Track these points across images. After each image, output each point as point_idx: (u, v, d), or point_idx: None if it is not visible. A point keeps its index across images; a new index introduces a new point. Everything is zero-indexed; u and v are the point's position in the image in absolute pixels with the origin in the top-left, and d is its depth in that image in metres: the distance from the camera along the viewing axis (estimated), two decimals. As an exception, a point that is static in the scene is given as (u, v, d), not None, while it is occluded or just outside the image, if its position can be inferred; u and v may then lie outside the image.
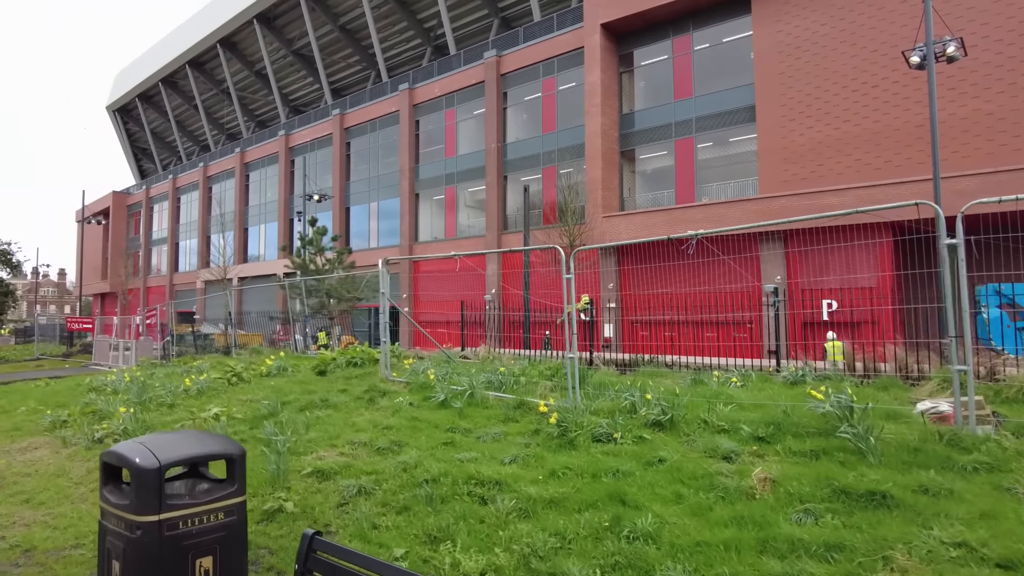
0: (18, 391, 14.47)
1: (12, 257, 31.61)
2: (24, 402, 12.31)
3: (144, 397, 9.83)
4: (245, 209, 51.93)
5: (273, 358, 12.10)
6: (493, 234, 33.73)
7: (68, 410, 9.69)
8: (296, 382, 10.65)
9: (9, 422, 10.18)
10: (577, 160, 31.37)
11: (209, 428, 7.46)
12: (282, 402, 8.72)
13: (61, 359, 26.64)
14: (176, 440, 3.38)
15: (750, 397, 7.35)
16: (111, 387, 12.06)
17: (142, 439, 3.37)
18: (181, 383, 11.09)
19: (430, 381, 9.18)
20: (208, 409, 7.67)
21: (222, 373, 10.98)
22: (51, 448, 8.16)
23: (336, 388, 9.57)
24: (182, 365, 17.26)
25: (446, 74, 37.52)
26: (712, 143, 28.11)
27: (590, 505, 4.73)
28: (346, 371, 11.46)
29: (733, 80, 26.92)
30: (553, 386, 8.01)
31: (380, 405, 8.34)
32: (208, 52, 56.77)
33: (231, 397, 9.68)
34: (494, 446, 6.44)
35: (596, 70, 29.34)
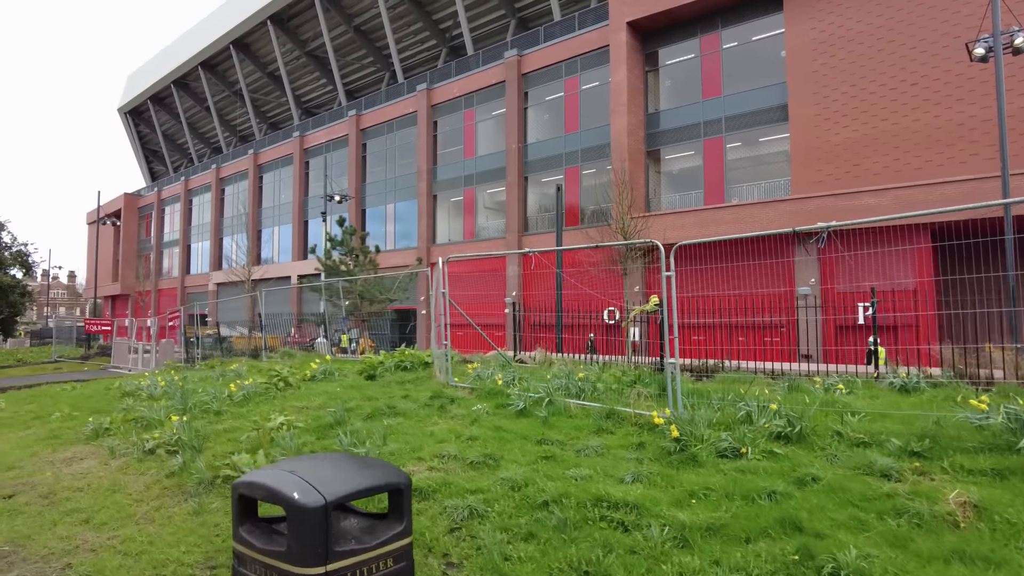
0: (46, 395, 13.82)
1: (28, 258, 31.08)
2: (56, 407, 11.65)
3: (188, 403, 9.16)
4: (259, 211, 51.34)
5: (318, 362, 11.43)
6: (513, 235, 33.06)
7: (109, 417, 9.02)
8: (348, 387, 9.97)
9: (45, 429, 9.52)
10: (601, 160, 30.72)
11: (276, 439, 6.78)
12: (344, 409, 8.04)
13: (79, 362, 26.01)
14: (327, 467, 2.70)
15: (870, 406, 6.65)
16: (146, 392, 11.40)
17: (283, 465, 2.69)
18: (223, 388, 10.41)
19: (499, 387, 8.50)
20: (272, 418, 6.98)
21: (267, 378, 10.30)
22: (98, 459, 7.49)
23: (397, 394, 8.89)
24: (211, 369, 16.61)
25: (465, 74, 36.91)
26: (741, 143, 27.44)
27: (761, 533, 4.04)
28: (396, 375, 10.78)
29: (764, 79, 26.26)
30: (647, 394, 7.31)
31: (453, 413, 7.65)
32: (221, 54, 56.28)
33: (284, 404, 9.00)
34: (600, 461, 5.75)
35: (622, 69, 28.70)
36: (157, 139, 70.24)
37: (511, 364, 10.42)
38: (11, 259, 30.20)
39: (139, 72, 67.60)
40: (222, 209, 55.56)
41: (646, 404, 7.07)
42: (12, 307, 29.46)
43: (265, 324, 17.00)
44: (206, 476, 6.01)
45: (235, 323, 35.22)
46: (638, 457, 5.77)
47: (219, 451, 6.98)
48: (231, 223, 54.32)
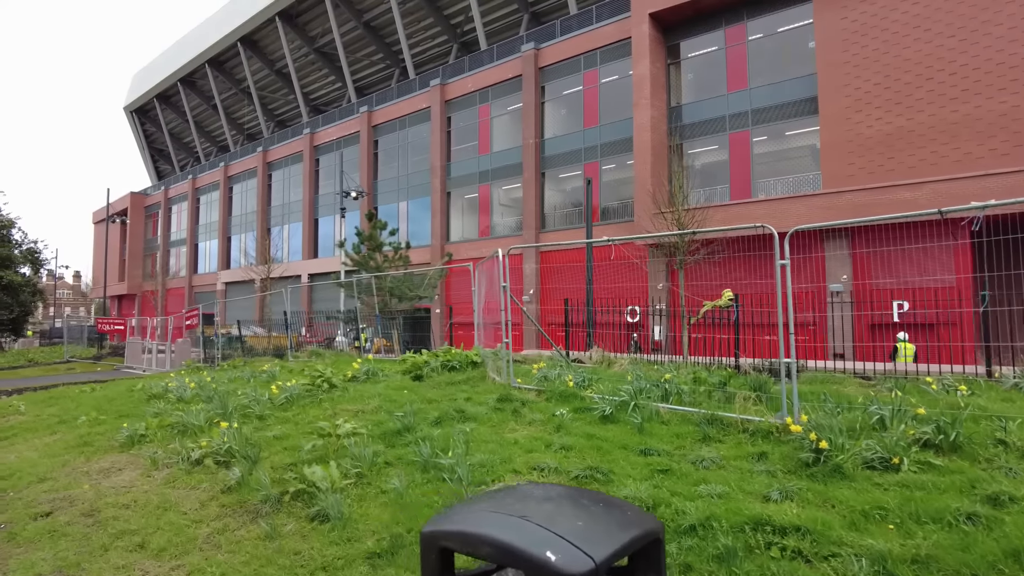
0: (66, 397, 13.08)
1: (39, 255, 30.32)
2: (80, 410, 10.91)
3: (229, 408, 8.41)
4: (268, 209, 50.60)
5: (360, 361, 10.67)
6: (531, 232, 32.30)
7: (143, 422, 8.28)
8: (397, 388, 9.22)
9: (73, 435, 8.78)
10: (621, 155, 30.00)
11: (345, 448, 6.04)
12: (409, 413, 7.30)
13: (91, 362, 25.28)
14: (552, 507, 1.94)
15: (1013, 410, 5.90)
16: (175, 394, 10.65)
17: (486, 503, 1.95)
18: (262, 390, 9.67)
19: (570, 389, 7.75)
20: (339, 424, 6.22)
21: (309, 379, 9.55)
22: (139, 470, 6.74)
23: (459, 396, 8.14)
24: (234, 369, 15.88)
25: (479, 69, 36.15)
26: (767, 136, 26.68)
27: (990, 567, 3.29)
28: (444, 376, 10.04)
29: (791, 71, 25.50)
30: (753, 398, 6.56)
31: (530, 418, 6.91)
32: (228, 51, 55.54)
33: (333, 407, 8.26)
34: (726, 475, 5.00)
35: (645, 61, 27.93)
36: (163, 138, 69.49)
37: (569, 364, 9.67)
38: (21, 257, 29.48)
39: (145, 71, 66.87)
40: (230, 208, 54.82)
41: (755, 409, 6.32)
42: (23, 306, 28.74)
43: (288, 323, 16.25)
44: (272, 492, 5.26)
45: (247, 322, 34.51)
46: (768, 470, 5.02)
47: (277, 462, 6.23)
48: (240, 222, 53.61)
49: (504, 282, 8.47)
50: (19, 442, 8.87)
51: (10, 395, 15.06)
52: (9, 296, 27.89)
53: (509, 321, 8.50)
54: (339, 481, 5.18)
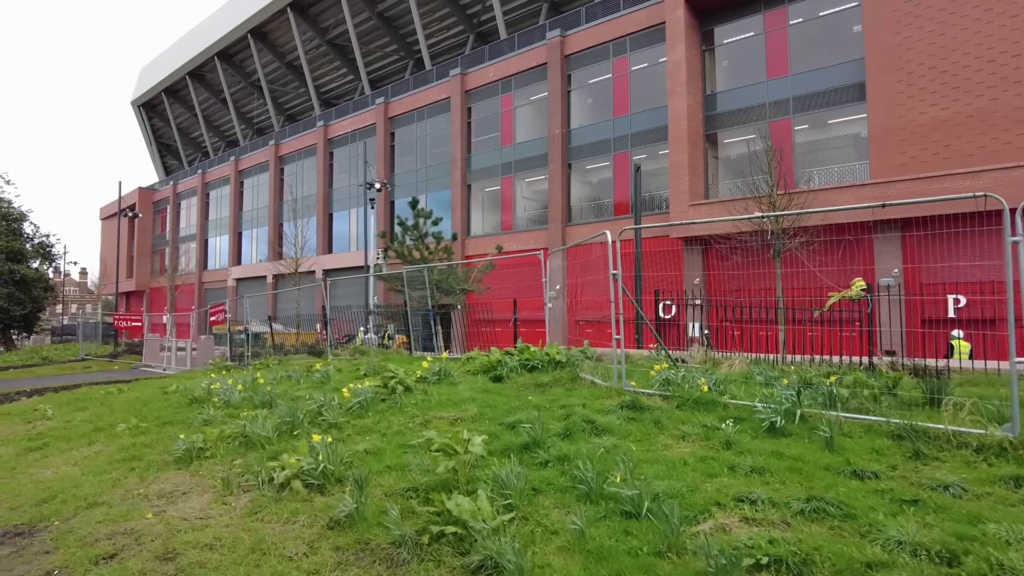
0: (93, 399, 11.87)
1: (51, 249, 29.13)
2: (113, 415, 9.72)
3: (298, 415, 7.20)
4: (279, 204, 49.36)
5: (429, 361, 9.46)
6: (557, 227, 31.09)
7: (199, 433, 7.08)
8: (481, 391, 8.03)
9: (115, 445, 7.59)
10: (653, 145, 28.78)
11: (473, 467, 4.83)
12: (521, 422, 6.11)
13: (108, 360, 24.07)
14: None
15: None
16: (221, 397, 9.44)
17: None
18: (330, 394, 8.47)
19: (705, 394, 6.55)
20: (468, 438, 4.99)
21: (381, 380, 8.35)
22: (208, 494, 5.54)
23: (571, 402, 6.94)
24: (266, 368, 14.68)
25: (500, 58, 34.88)
26: (808, 125, 25.46)
27: None
28: (528, 377, 8.84)
29: (836, 56, 24.27)
30: (968, 406, 5.34)
31: (679, 431, 5.71)
32: (238, 43, 54.25)
33: (424, 414, 7.05)
34: (999, 509, 3.80)
35: (680, 47, 26.70)
36: (171, 133, 68.22)
37: (674, 363, 8.46)
38: (33, 251, 28.26)
39: (153, 64, 65.55)
40: (241, 202, 53.57)
41: (969, 419, 5.11)
42: (35, 301, 27.53)
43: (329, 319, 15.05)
44: (406, 531, 4.05)
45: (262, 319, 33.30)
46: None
47: (388, 486, 5.04)
48: (251, 217, 52.38)
49: (615, 270, 7.26)
50: (53, 453, 7.67)
51: (30, 396, 13.87)
52: (21, 291, 26.67)
53: (621, 315, 7.29)
54: (492, 517, 3.98)
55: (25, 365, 22.31)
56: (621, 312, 7.31)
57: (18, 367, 21.91)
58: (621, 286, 7.31)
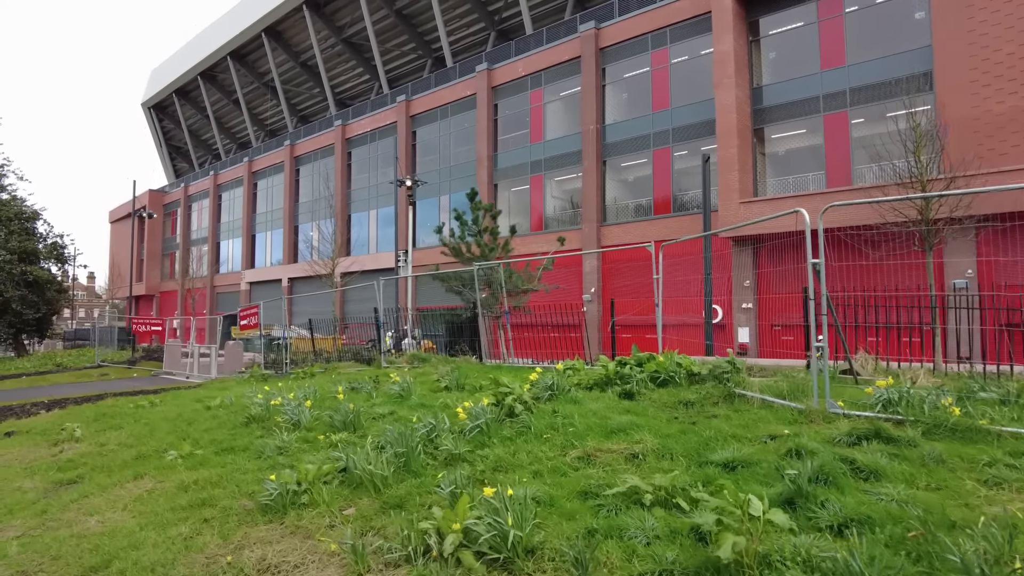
0: (124, 415, 10.20)
1: (64, 250, 27.47)
2: (155, 437, 8.05)
3: (412, 443, 5.53)
4: (295, 206, 47.76)
5: (539, 371, 7.81)
6: (592, 227, 29.47)
7: (293, 471, 5.41)
8: (621, 411, 6.38)
9: (172, 482, 5.91)
10: (696, 140, 27.16)
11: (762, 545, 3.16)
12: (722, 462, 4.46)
13: (126, 367, 22.40)
14: None
15: None
16: (287, 416, 7.77)
17: None
18: (420, 412, 6.81)
19: (961, 420, 4.89)
20: (746, 499, 3.33)
21: (494, 397, 6.71)
22: (333, 568, 3.88)
23: (771, 429, 5.27)
24: (309, 377, 13.02)
25: (529, 52, 33.32)
26: (864, 118, 23.83)
27: None
28: (664, 393, 7.19)
29: (898, 43, 22.68)
30: None
31: (979, 474, 4.05)
32: (251, 43, 52.76)
33: (583, 445, 5.38)
34: None
35: (727, 37, 25.12)
36: (182, 135, 66.74)
37: (856, 377, 6.80)
38: (46, 252, 26.61)
39: (164, 65, 64.09)
40: (254, 204, 51.99)
41: None
42: (49, 304, 25.85)
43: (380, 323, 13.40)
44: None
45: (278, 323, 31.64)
46: None
47: (614, 565, 3.38)
48: (265, 219, 50.80)
49: (816, 258, 5.61)
50: (93, 491, 6.00)
51: (50, 409, 12.20)
52: (35, 294, 24.99)
53: (824, 316, 5.63)
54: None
55: (39, 372, 20.65)
56: (824, 312, 5.65)
57: (31, 374, 20.25)
58: (823, 279, 5.65)
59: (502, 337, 13.02)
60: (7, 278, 23.91)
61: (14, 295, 24.05)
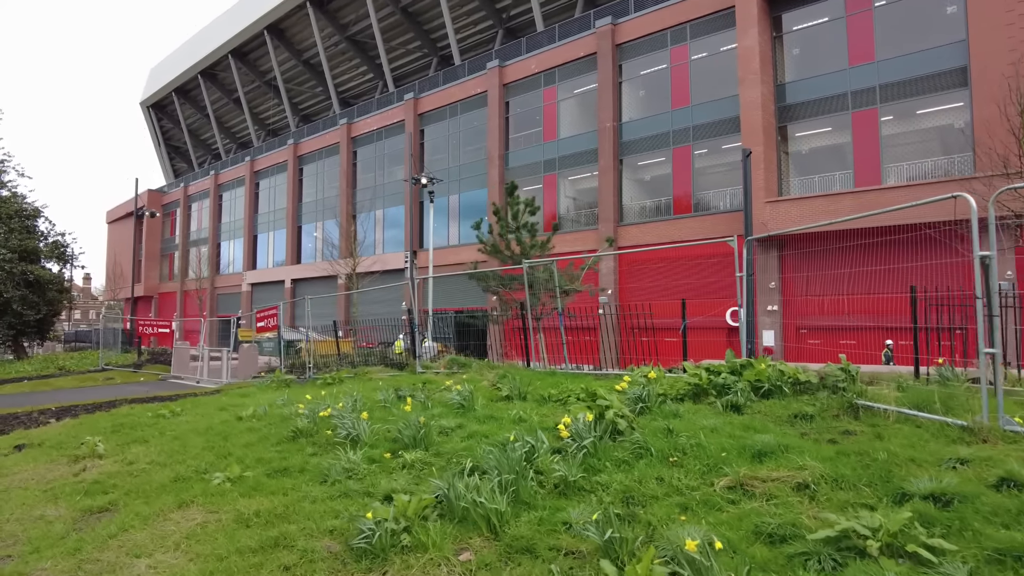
0: (143, 425, 9.22)
1: (66, 249, 26.31)
2: (188, 453, 7.10)
3: (517, 467, 4.62)
4: (298, 206, 46.73)
5: (628, 380, 6.91)
6: (608, 226, 28.59)
7: (389, 507, 4.50)
8: (744, 428, 5.50)
9: (227, 513, 4.97)
10: (717, 138, 26.39)
11: None
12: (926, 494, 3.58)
13: (131, 370, 21.36)
14: None
15: None
16: (343, 428, 6.83)
17: None
18: (510, 429, 5.91)
19: None
20: (843, 513, 2.44)
21: (587, 410, 5.82)
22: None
23: (938, 452, 4.40)
24: (338, 383, 12.09)
25: (542, 49, 32.48)
26: (892, 116, 23.09)
27: None
28: (771, 405, 6.32)
29: (931, 39, 21.95)
30: None
31: None
32: (253, 41, 51.73)
33: (737, 473, 4.49)
34: None
35: (752, 32, 24.37)
36: (181, 134, 65.54)
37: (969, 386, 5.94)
38: (47, 251, 25.48)
39: (163, 64, 62.92)
40: (256, 204, 50.90)
41: None
42: (50, 305, 24.69)
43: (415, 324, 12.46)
44: None
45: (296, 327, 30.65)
46: None
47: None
48: (267, 219, 49.74)
49: (985, 251, 4.74)
50: (134, 524, 5.04)
51: (60, 418, 11.20)
52: (36, 294, 23.84)
53: (995, 315, 4.77)
54: None
55: (41, 376, 19.59)
56: (996, 310, 4.79)
57: (33, 378, 19.19)
58: (994, 275, 4.78)
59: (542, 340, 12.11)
60: (7, 277, 22.80)
61: (14, 295, 22.93)
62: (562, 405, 7.36)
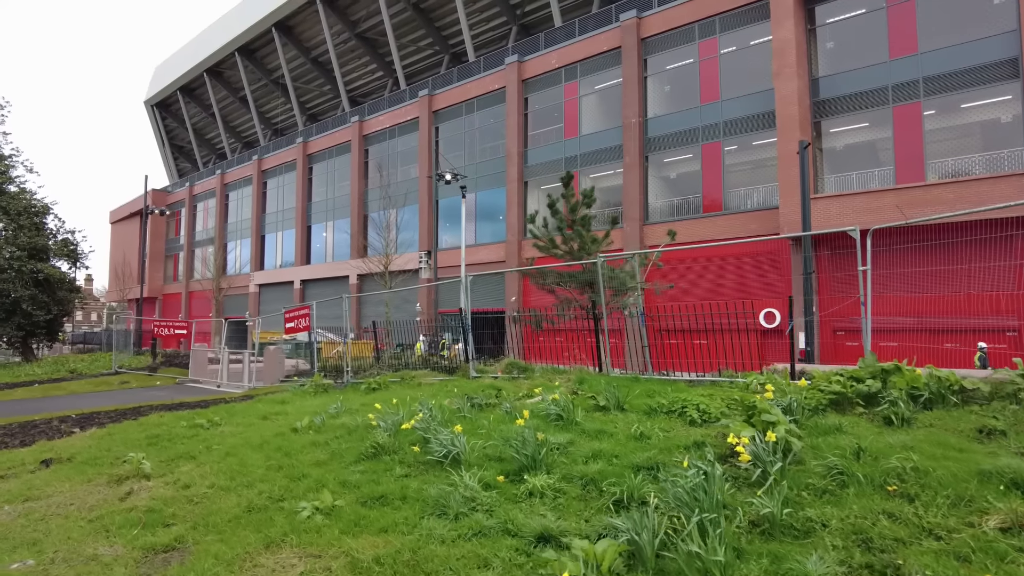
0: (181, 436, 8.20)
1: (76, 247, 25.21)
2: (250, 474, 6.08)
3: (708, 502, 3.65)
4: (308, 205, 45.68)
5: (772, 389, 5.94)
6: (634, 225, 27.66)
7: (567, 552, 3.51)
8: (942, 444, 4.53)
9: (338, 559, 3.95)
10: (748, 134, 25.48)
11: None
12: None
13: (147, 374, 20.31)
14: None
15: None
16: (439, 445, 5.83)
17: None
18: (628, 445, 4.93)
19: None
20: None
21: (755, 426, 4.85)
22: None
23: None
24: (381, 389, 11.11)
25: (562, 44, 31.54)
26: (935, 110, 22.18)
27: None
28: (938, 416, 5.35)
29: (979, 29, 21.06)
30: None
31: None
32: (261, 38, 50.74)
33: (992, 508, 3.51)
34: None
35: (788, 23, 23.46)
36: (185, 134, 64.43)
37: None
38: (57, 248, 24.37)
39: (168, 62, 61.81)
40: (264, 204, 49.84)
41: None
42: (60, 304, 23.58)
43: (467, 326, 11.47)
44: None
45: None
46: None
47: None
48: (275, 219, 48.69)
49: None
50: (218, 573, 4.05)
51: (83, 427, 10.16)
52: (45, 294, 22.74)
53: None
54: None
55: (52, 379, 18.55)
56: None
57: (44, 382, 18.15)
58: None
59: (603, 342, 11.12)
60: (16, 276, 21.72)
61: (23, 295, 21.84)
62: (678, 417, 6.39)
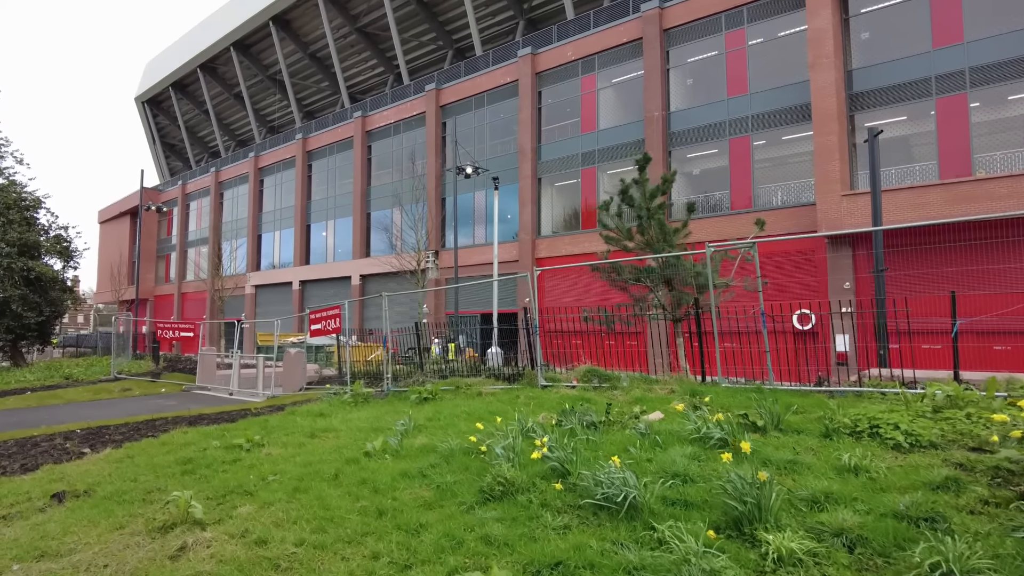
0: (219, 461, 6.63)
1: (69, 244, 23.30)
2: (341, 524, 4.57)
3: None
4: (307, 203, 43.93)
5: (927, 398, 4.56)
6: (656, 223, 26.25)
7: None
8: None
9: None
10: (779, 128, 24.27)
11: None
12: None
13: (149, 380, 18.58)
14: None
15: None
16: (603, 486, 4.37)
17: None
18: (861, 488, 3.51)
19: None
20: None
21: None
22: None
23: None
24: (437, 400, 9.61)
25: (577, 35, 30.18)
26: (980, 102, 21.07)
27: None
28: None
29: (1023, 18, 20.01)
30: None
31: None
32: (257, 32, 48.90)
33: None
34: None
35: (824, 12, 22.27)
36: (177, 131, 62.29)
37: None
38: (49, 245, 22.45)
39: (160, 57, 59.68)
40: (261, 203, 47.98)
41: None
42: (52, 305, 21.64)
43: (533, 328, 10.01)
44: None
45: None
46: None
47: None
48: (272, 218, 46.85)
49: None
50: None
51: (93, 446, 8.53)
52: (37, 294, 20.86)
53: None
54: None
55: (46, 386, 16.77)
56: None
57: (37, 389, 16.38)
58: None
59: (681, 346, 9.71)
60: (5, 274, 19.81)
61: (14, 294, 19.95)
62: (870, 439, 4.98)
